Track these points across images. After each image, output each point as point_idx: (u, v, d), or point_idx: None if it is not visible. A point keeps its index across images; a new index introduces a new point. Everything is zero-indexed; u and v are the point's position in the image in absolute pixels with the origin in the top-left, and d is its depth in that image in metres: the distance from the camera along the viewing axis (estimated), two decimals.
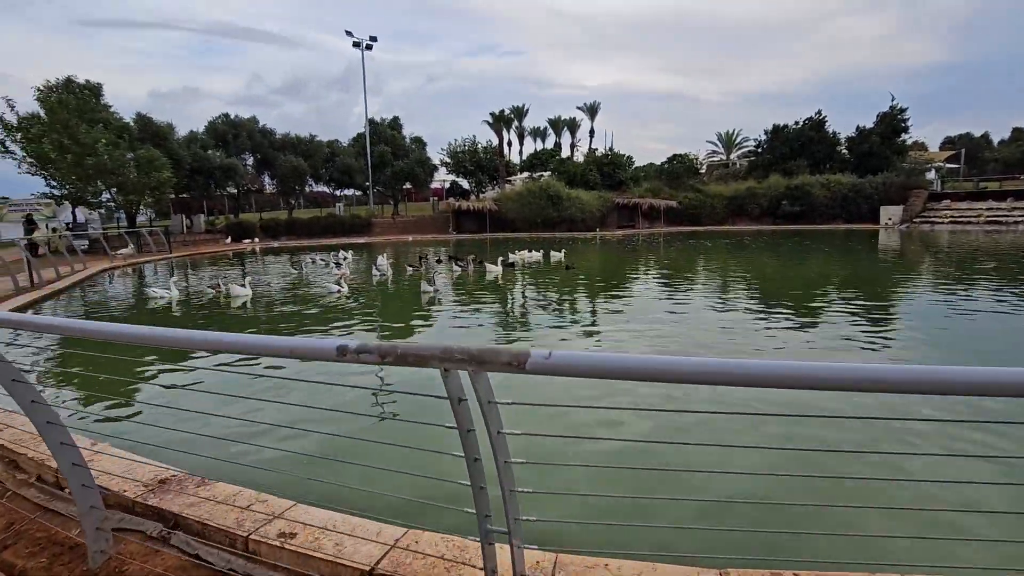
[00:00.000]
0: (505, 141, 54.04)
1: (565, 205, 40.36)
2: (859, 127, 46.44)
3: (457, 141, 51.00)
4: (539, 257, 21.08)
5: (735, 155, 61.73)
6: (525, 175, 51.27)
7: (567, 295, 13.55)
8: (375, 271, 17.31)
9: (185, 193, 39.50)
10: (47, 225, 27.84)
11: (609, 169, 46.44)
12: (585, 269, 18.63)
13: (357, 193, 50.94)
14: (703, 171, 54.76)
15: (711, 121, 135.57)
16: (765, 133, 50.06)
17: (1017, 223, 34.93)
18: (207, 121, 41.24)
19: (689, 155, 50.34)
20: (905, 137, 45.84)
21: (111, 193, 29.76)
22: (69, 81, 29.09)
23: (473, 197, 50.03)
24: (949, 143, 67.38)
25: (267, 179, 44.44)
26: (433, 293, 12.97)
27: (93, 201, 29.47)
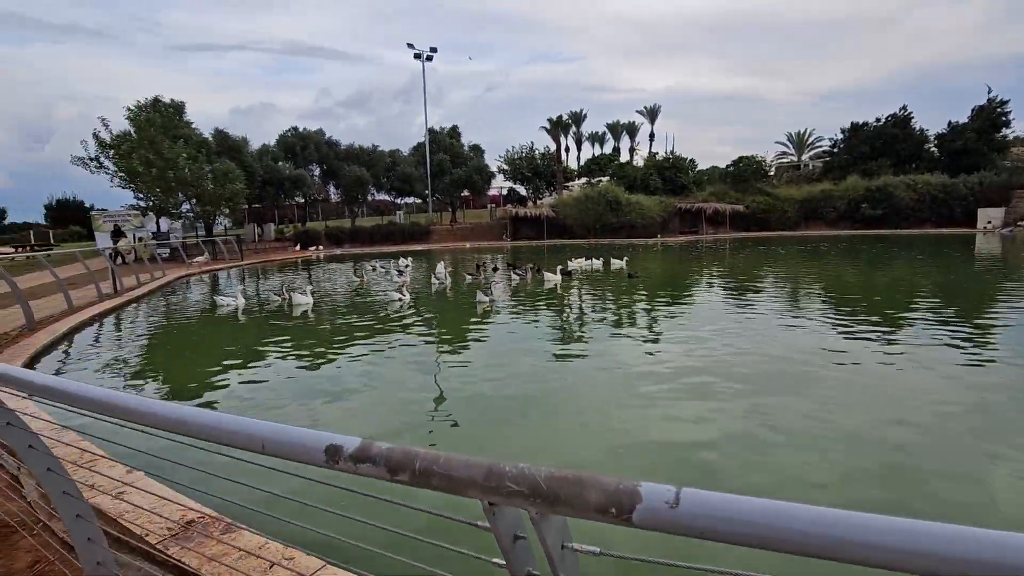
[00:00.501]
0: (563, 147, 53.59)
1: (624, 210, 39.31)
2: (951, 122, 42.54)
3: (514, 148, 51.04)
4: (599, 265, 20.41)
5: (807, 156, 58.19)
6: (583, 180, 50.53)
7: (629, 305, 12.87)
8: (434, 279, 17.24)
9: (257, 203, 41.57)
10: (134, 235, 29.94)
11: (670, 173, 44.92)
12: (647, 277, 17.79)
13: (417, 201, 51.94)
14: (772, 173, 51.93)
15: (780, 122, 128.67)
16: (842, 132, 46.90)
17: None
18: (278, 135, 43.37)
19: (756, 157, 47.82)
20: (1007, 132, 41.54)
21: (191, 204, 31.70)
22: (156, 101, 31.30)
23: (530, 203, 49.82)
24: None
25: (332, 189, 46.08)
26: (489, 304, 12.66)
27: (175, 212, 31.44)
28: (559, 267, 16.90)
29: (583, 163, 56.30)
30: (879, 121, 44.66)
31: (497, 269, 20.68)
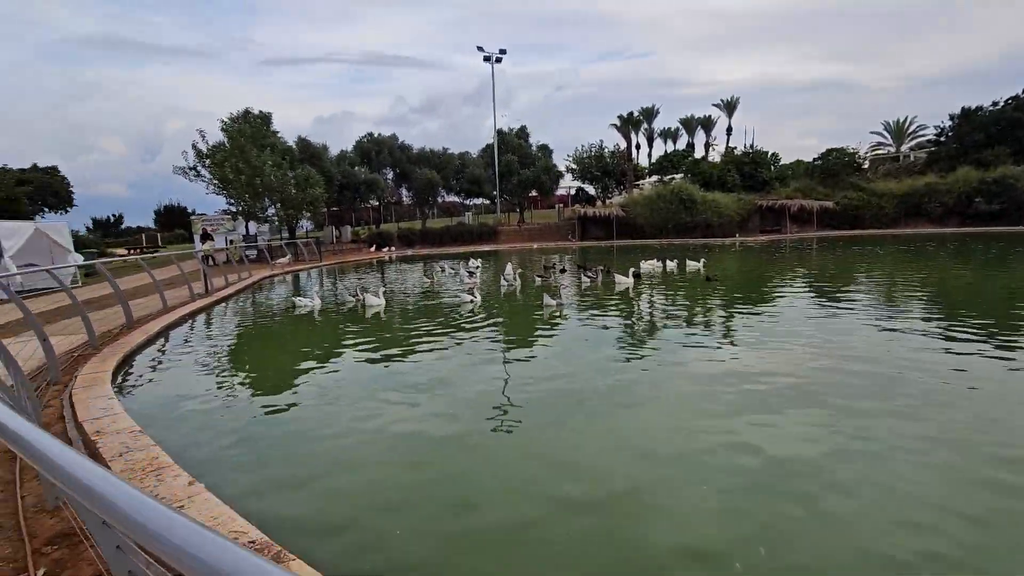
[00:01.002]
0: (633, 144, 52.23)
1: (699, 209, 37.55)
2: None
3: (583, 147, 50.22)
4: (673, 267, 19.45)
5: (907, 146, 53.04)
6: (654, 179, 48.89)
7: (708, 310, 12.04)
8: (502, 280, 17.08)
9: (336, 206, 43.52)
10: (226, 238, 32.17)
11: (750, 168, 42.43)
12: (727, 280, 16.68)
13: (485, 202, 52.42)
14: (866, 166, 47.75)
15: (875, 111, 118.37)
16: (950, 119, 42.37)
17: None
18: (355, 141, 45.20)
19: (848, 149, 44.16)
20: None
21: (275, 208, 33.63)
22: (247, 112, 33.50)
23: (599, 203, 48.84)
24: None
25: (404, 191, 47.40)
26: (556, 308, 12.27)
27: (261, 216, 33.47)
28: (631, 269, 16.20)
29: (655, 161, 54.44)
30: (996, 105, 39.90)
31: (564, 270, 20.22)
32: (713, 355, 8.07)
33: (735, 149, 48.96)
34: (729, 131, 54.51)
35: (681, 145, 56.94)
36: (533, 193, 50.24)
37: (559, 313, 11.90)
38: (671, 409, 6.02)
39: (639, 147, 55.02)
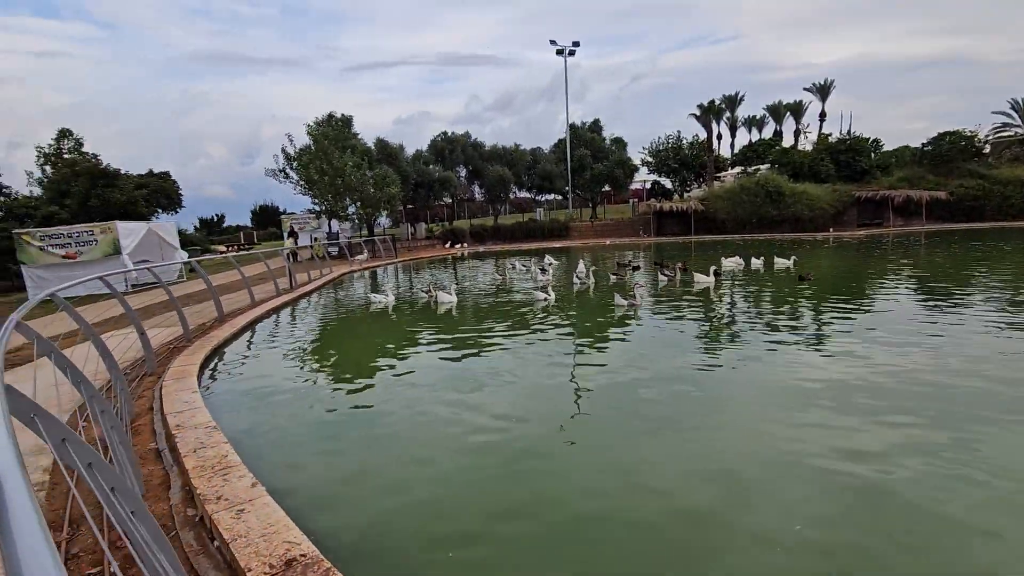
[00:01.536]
0: (714, 134, 49.49)
1: (788, 201, 34.99)
2: None
3: (660, 139, 48.30)
4: (758, 264, 18.15)
5: None
6: (737, 170, 46.14)
7: (796, 311, 11.01)
8: (575, 278, 16.68)
9: (411, 204, 44.82)
10: (311, 236, 34.04)
11: (847, 157, 38.95)
12: (821, 279, 15.26)
13: (557, 198, 51.92)
14: (987, 151, 42.38)
15: (999, 88, 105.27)
16: None
17: None
18: (430, 140, 46.30)
19: (964, 132, 39.33)
20: None
21: (355, 206, 35.14)
22: (330, 116, 35.23)
23: (676, 197, 46.85)
24: None
25: (477, 188, 47.94)
26: (627, 308, 11.72)
27: (343, 214, 35.10)
28: (712, 267, 15.23)
29: (738, 151, 51.36)
30: None
31: (638, 268, 19.42)
32: (805, 362, 7.29)
33: (829, 136, 45.13)
34: (822, 117, 50.31)
35: (768, 134, 53.30)
36: (606, 188, 49.08)
37: (632, 313, 11.36)
38: (754, 420, 5.46)
39: (720, 137, 52.09)
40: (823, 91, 49.28)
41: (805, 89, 50.95)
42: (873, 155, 40.13)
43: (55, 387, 3.47)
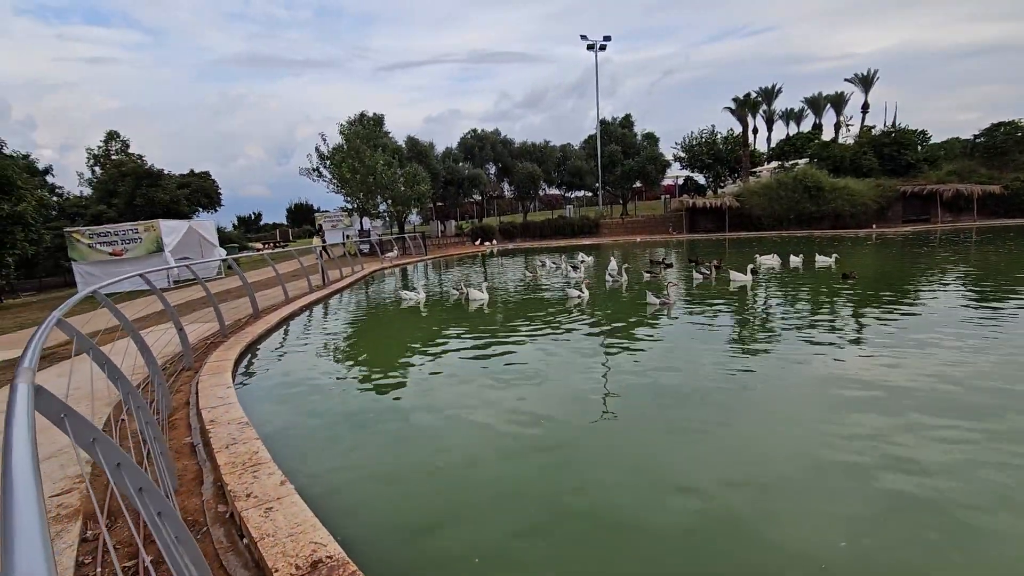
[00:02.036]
0: (750, 128, 48.29)
1: (827, 197, 33.75)
2: None
3: (693, 133, 47.28)
4: (797, 262, 17.54)
5: None
6: (774, 165, 44.81)
7: (841, 311, 10.55)
8: (607, 276, 16.42)
9: (441, 202, 45.13)
10: (343, 233, 34.62)
11: (891, 150, 37.34)
12: (866, 278, 14.61)
13: (587, 194, 51.44)
14: None
15: None
16: None
17: None
18: (460, 138, 46.47)
19: (1020, 122, 37.19)
20: None
21: (387, 204, 35.57)
22: (362, 115, 35.74)
23: (709, 193, 45.82)
24: None
25: (506, 185, 47.90)
26: (660, 306, 11.45)
27: (374, 212, 35.58)
28: (749, 266, 14.76)
29: (774, 145, 49.94)
30: None
31: (671, 266, 19.01)
32: (847, 365, 6.94)
33: (872, 128, 43.36)
34: (865, 108, 48.43)
35: (806, 127, 51.66)
36: (637, 184, 48.34)
37: (666, 312, 11.09)
38: (793, 424, 5.22)
39: (756, 131, 50.84)
40: (866, 82, 47.43)
41: (846, 80, 49.16)
42: (920, 148, 38.39)
43: (103, 380, 3.55)
